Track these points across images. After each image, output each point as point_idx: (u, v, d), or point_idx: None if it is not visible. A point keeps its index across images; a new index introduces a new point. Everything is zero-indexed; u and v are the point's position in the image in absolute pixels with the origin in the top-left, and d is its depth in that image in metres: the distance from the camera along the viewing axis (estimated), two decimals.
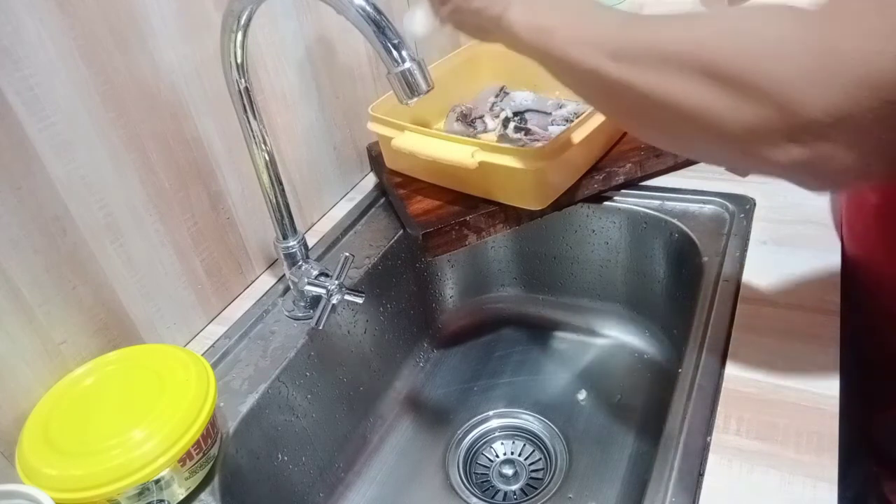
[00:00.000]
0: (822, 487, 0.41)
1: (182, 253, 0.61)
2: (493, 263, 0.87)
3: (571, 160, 0.66)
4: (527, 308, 0.87)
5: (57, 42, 0.47)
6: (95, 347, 0.53)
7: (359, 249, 0.74)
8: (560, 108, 0.83)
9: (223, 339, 0.63)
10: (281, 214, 0.61)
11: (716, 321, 0.55)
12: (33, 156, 0.47)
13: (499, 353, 0.83)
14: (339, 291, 0.61)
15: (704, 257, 0.63)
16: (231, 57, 0.52)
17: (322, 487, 0.66)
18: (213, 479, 0.50)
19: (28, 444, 0.45)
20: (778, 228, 0.64)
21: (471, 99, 0.89)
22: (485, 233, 0.68)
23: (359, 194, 0.83)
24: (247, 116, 0.55)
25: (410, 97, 0.46)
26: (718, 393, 0.48)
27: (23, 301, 0.48)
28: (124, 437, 0.44)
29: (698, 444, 0.45)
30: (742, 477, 0.43)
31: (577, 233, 0.78)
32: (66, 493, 0.42)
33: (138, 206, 0.56)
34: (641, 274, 0.76)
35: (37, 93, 0.47)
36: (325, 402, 0.66)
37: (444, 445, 0.72)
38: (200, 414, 0.47)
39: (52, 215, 0.49)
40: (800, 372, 0.49)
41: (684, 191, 0.71)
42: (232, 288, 0.67)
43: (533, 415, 0.74)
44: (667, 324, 0.76)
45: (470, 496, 0.67)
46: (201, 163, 0.61)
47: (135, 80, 0.54)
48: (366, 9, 0.43)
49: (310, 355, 0.63)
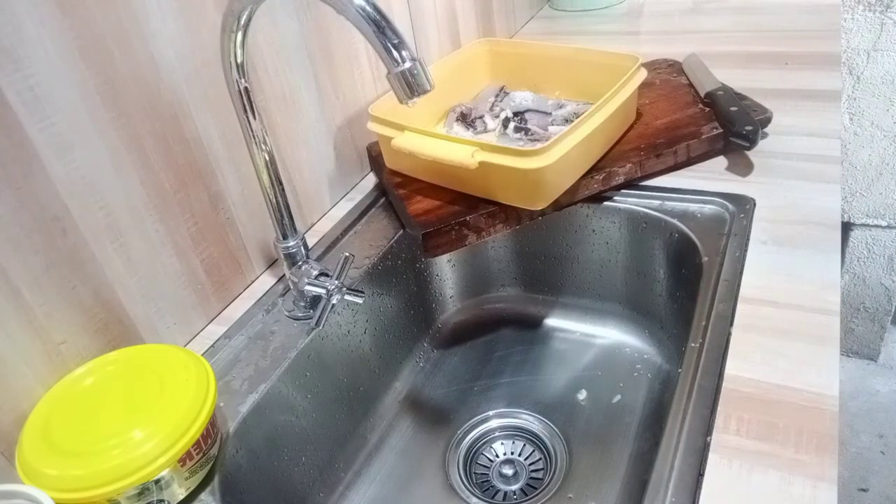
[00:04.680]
0: (822, 487, 0.41)
1: (182, 253, 0.61)
2: (493, 263, 0.87)
3: (571, 160, 0.66)
4: (527, 308, 0.87)
5: (57, 42, 0.47)
6: (95, 347, 0.53)
7: (359, 249, 0.74)
8: (560, 108, 0.83)
9: (223, 339, 0.63)
10: (281, 214, 0.61)
11: (716, 321, 0.55)
12: (33, 156, 0.47)
13: (499, 353, 0.83)
14: (339, 291, 0.61)
15: (704, 257, 0.63)
16: (231, 57, 0.52)
17: (322, 487, 0.66)
18: (213, 479, 0.50)
19: (28, 444, 0.45)
20: (778, 228, 0.64)
21: (471, 99, 0.89)
22: (485, 233, 0.68)
23: (359, 194, 0.83)
24: (247, 116, 0.55)
25: (410, 97, 0.46)
26: (718, 393, 0.48)
27: (23, 301, 0.48)
28: (124, 437, 0.44)
29: (698, 444, 0.45)
30: (742, 477, 0.43)
31: (577, 233, 0.78)
32: (66, 493, 0.42)
33: (138, 206, 0.56)
34: (641, 274, 0.76)
35: (37, 93, 0.47)
36: (325, 402, 0.66)
37: (444, 445, 0.73)
38: (200, 414, 0.47)
39: (52, 215, 0.49)
40: (800, 372, 0.49)
41: (684, 191, 0.71)
42: (232, 288, 0.67)
43: (533, 415, 0.74)
44: (667, 324, 0.76)
45: (470, 496, 0.67)
46: (201, 163, 0.61)
47: (135, 80, 0.54)
48: (366, 9, 0.43)
49: (310, 355, 0.63)
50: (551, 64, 0.85)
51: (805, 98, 0.85)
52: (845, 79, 1.36)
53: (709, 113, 0.79)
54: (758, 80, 0.92)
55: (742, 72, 0.95)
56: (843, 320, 1.64)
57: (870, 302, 1.59)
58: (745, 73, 0.94)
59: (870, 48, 1.31)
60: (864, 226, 1.51)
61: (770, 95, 0.86)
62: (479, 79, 0.91)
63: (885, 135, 1.38)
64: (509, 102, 0.85)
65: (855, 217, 1.50)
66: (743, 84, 0.86)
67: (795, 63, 0.95)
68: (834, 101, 0.84)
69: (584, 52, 0.82)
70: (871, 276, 1.55)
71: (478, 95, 0.90)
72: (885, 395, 1.57)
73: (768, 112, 0.77)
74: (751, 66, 0.97)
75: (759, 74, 0.93)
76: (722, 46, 1.05)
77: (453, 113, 0.84)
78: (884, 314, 1.59)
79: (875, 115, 1.37)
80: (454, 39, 1.03)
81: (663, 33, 1.16)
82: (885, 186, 1.44)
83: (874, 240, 1.51)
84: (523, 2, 1.31)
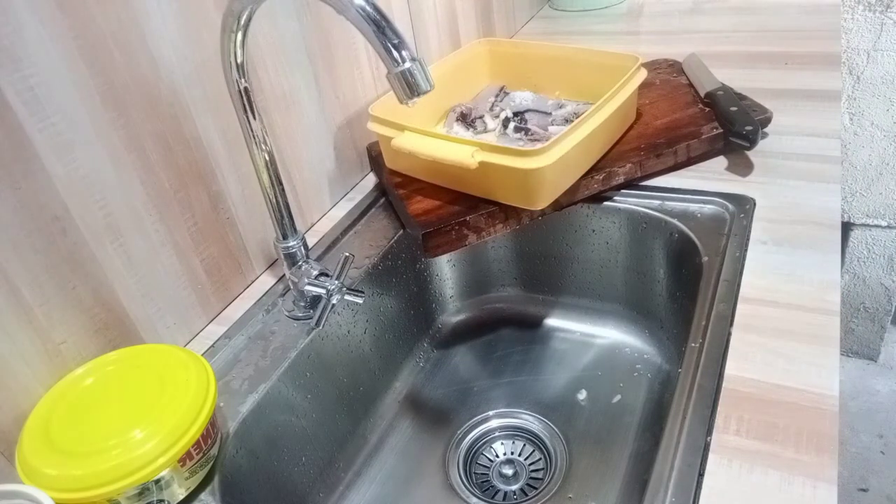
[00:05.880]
0: (822, 487, 0.41)
1: (182, 253, 0.61)
2: (493, 263, 0.87)
3: (571, 160, 0.66)
4: (527, 308, 0.87)
5: (57, 42, 0.47)
6: (95, 347, 0.53)
7: (359, 249, 0.74)
8: (560, 108, 0.83)
9: (223, 339, 0.63)
10: (281, 214, 0.61)
11: (716, 321, 0.55)
12: (33, 156, 0.47)
13: (499, 353, 0.83)
14: (339, 291, 0.61)
15: (704, 257, 0.63)
16: (231, 57, 0.52)
17: (322, 487, 0.66)
18: (213, 479, 0.50)
19: (28, 444, 0.45)
20: (778, 228, 0.64)
21: (471, 99, 0.89)
22: (485, 233, 0.68)
23: (359, 194, 0.83)
24: (247, 116, 0.55)
25: (410, 97, 0.46)
26: (718, 393, 0.48)
27: (23, 301, 0.48)
28: (124, 437, 0.44)
29: (698, 444, 0.45)
30: (742, 477, 0.43)
31: (577, 233, 0.78)
32: (66, 493, 0.42)
33: (138, 206, 0.56)
34: (641, 274, 0.76)
35: (37, 93, 0.47)
36: (325, 402, 0.66)
37: (444, 445, 0.72)
38: (200, 414, 0.47)
39: (52, 215, 0.49)
40: (800, 372, 0.49)
41: (684, 191, 0.71)
42: (232, 288, 0.67)
43: (533, 415, 0.74)
44: (667, 324, 0.76)
45: (470, 496, 0.67)
46: (201, 163, 0.61)
47: (135, 80, 0.54)
48: (365, 9, 0.43)
49: (310, 355, 0.63)
50: (551, 64, 0.85)
51: (805, 98, 0.85)
52: (845, 79, 1.36)
53: (709, 113, 0.79)
54: (758, 80, 0.92)
55: (742, 72, 0.95)
56: (843, 320, 1.64)
57: (870, 302, 1.59)
58: (745, 73, 0.94)
59: (870, 48, 1.31)
60: (864, 226, 1.51)
61: (770, 95, 0.86)
62: (479, 79, 0.91)
63: (885, 135, 1.38)
64: (509, 102, 0.85)
65: (855, 217, 1.50)
66: (743, 84, 0.86)
67: (795, 63, 0.95)
68: (834, 101, 0.84)
69: (584, 52, 0.82)
70: (871, 276, 1.55)
71: (478, 95, 0.90)
72: (885, 395, 1.57)
73: (768, 112, 0.77)
74: (751, 66, 0.97)
75: (759, 74, 0.93)
76: (722, 46, 1.05)
77: (453, 113, 0.84)
78: (884, 314, 1.59)
79: (875, 115, 1.37)
80: (454, 39, 1.03)
81: (663, 33, 1.16)
82: (885, 186, 1.44)
83: (874, 240, 1.51)
84: (523, 2, 1.31)
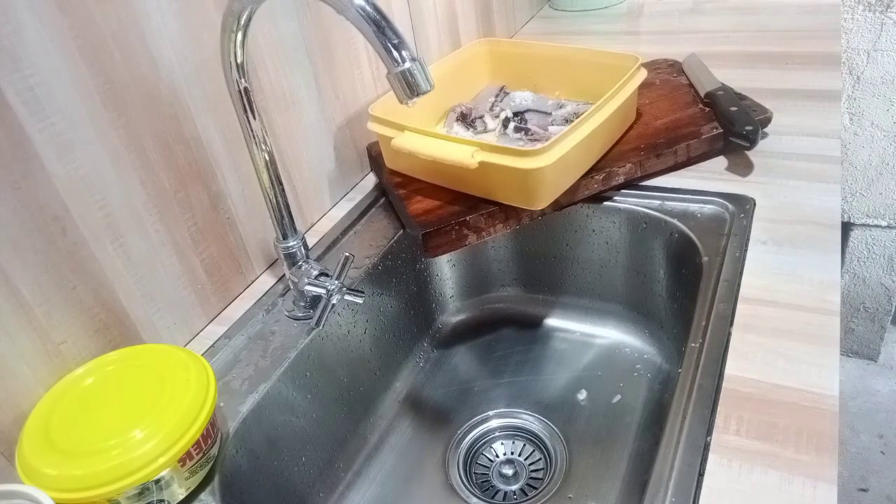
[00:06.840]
0: (822, 487, 0.41)
1: (182, 253, 0.61)
2: (493, 263, 0.87)
3: (571, 160, 0.66)
4: (527, 308, 0.87)
5: (57, 42, 0.47)
6: (95, 347, 0.53)
7: (359, 249, 0.74)
8: (560, 108, 0.83)
9: (223, 339, 0.63)
10: (281, 214, 0.61)
11: (716, 321, 0.55)
12: (33, 156, 0.47)
13: (499, 353, 0.83)
14: (339, 291, 0.61)
15: (704, 257, 0.63)
16: (231, 57, 0.52)
17: (322, 487, 0.66)
18: (213, 479, 0.50)
19: (28, 444, 0.45)
20: (778, 228, 0.64)
21: (471, 99, 0.89)
22: (485, 233, 0.68)
23: (359, 194, 0.83)
24: (247, 116, 0.55)
25: (410, 97, 0.46)
26: (718, 393, 0.48)
27: (23, 301, 0.48)
28: (124, 437, 0.44)
29: (698, 444, 0.45)
30: (742, 477, 0.43)
31: (577, 233, 0.78)
32: (66, 493, 0.42)
33: (138, 206, 0.56)
34: (641, 274, 0.76)
35: (37, 93, 0.47)
36: (325, 402, 0.66)
37: (444, 445, 0.72)
38: (200, 414, 0.47)
39: (52, 215, 0.49)
40: (800, 372, 0.49)
41: (684, 191, 0.71)
42: (232, 288, 0.67)
43: (533, 415, 0.74)
44: (667, 324, 0.76)
45: (470, 496, 0.67)
46: (201, 163, 0.61)
47: (135, 79, 0.54)
48: (366, 9, 0.43)
49: (310, 355, 0.63)
50: (551, 64, 0.85)
51: (805, 98, 0.85)
52: (845, 79, 1.36)
53: (709, 113, 0.79)
54: (758, 80, 0.92)
55: (742, 72, 0.95)
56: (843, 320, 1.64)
57: (870, 302, 1.59)
58: (745, 73, 0.94)
59: (870, 48, 1.31)
60: (864, 226, 1.51)
61: (770, 95, 0.86)
62: (479, 79, 0.91)
63: (885, 135, 1.38)
64: (509, 102, 0.85)
65: (855, 217, 1.50)
66: (743, 84, 0.86)
67: (795, 63, 0.95)
68: (834, 101, 0.84)
69: (584, 52, 0.82)
70: (871, 276, 1.55)
71: (478, 95, 0.90)
72: (885, 395, 1.57)
73: (768, 112, 0.77)
74: (751, 66, 0.97)
75: (759, 74, 0.93)
76: (722, 46, 1.05)
77: (453, 113, 0.84)
78: (884, 314, 1.59)
79: (875, 115, 1.37)
80: (454, 39, 1.03)
81: (663, 33, 1.16)
82: (885, 186, 1.44)
83: (874, 240, 1.51)
84: (523, 2, 1.31)
